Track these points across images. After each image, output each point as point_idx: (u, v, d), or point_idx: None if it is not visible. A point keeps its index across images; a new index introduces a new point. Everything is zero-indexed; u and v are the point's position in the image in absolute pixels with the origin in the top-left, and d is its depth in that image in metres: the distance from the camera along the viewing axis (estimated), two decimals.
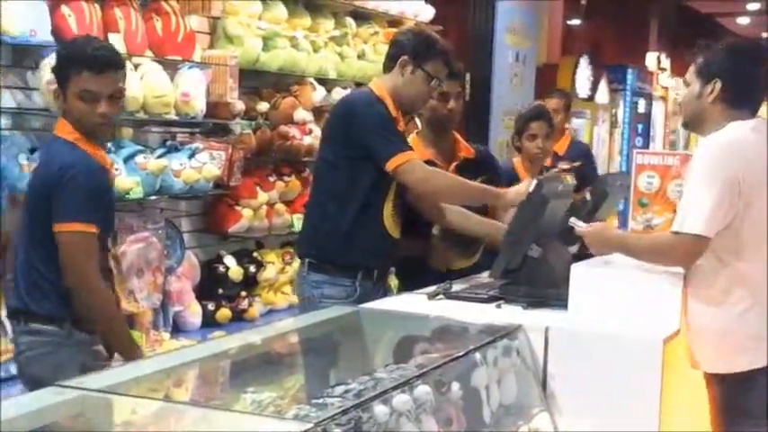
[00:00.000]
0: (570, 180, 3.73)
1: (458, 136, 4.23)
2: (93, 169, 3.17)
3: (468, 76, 8.92)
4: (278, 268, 5.73)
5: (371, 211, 3.69)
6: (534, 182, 3.43)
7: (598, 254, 3.37)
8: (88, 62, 3.15)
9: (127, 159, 4.59)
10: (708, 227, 3.06)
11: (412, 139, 4.26)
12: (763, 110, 3.34)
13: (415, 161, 3.64)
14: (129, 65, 4.62)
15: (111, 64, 3.18)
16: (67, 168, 3.13)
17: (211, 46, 5.53)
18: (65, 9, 4.42)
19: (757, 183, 3.15)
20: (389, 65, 3.79)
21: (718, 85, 3.21)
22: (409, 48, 3.74)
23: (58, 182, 3.12)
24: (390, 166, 3.59)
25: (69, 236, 3.09)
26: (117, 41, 4.59)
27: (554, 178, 3.76)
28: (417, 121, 6.20)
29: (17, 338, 3.31)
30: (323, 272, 3.71)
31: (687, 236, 3.08)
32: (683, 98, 3.36)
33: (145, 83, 4.67)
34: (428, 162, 4.06)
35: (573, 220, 3.40)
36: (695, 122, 3.34)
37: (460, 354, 2.71)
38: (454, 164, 4.13)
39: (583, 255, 3.60)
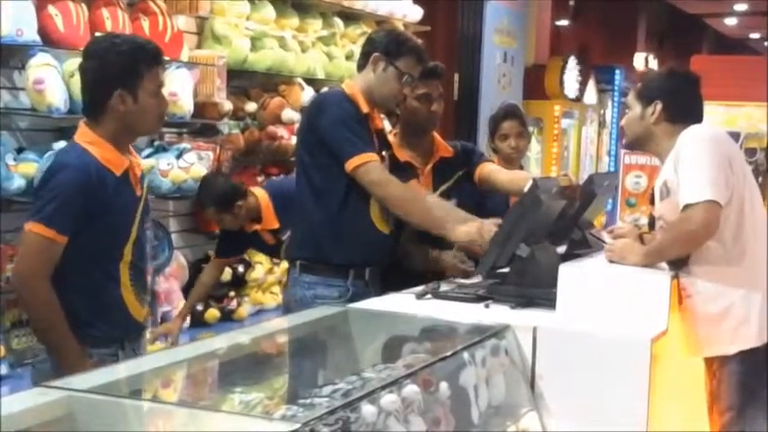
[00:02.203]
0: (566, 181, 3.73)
1: (436, 136, 4.21)
2: (84, 173, 2.94)
3: (456, 77, 8.96)
4: (266, 268, 5.73)
5: (357, 208, 3.68)
6: (530, 182, 3.44)
7: (621, 261, 3.35)
8: (157, 56, 3.05)
9: None
10: (716, 192, 3.17)
11: (390, 139, 4.26)
12: None
13: (373, 163, 3.60)
14: None
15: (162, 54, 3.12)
16: (51, 170, 3.02)
17: (199, 46, 5.53)
18: (51, 9, 4.41)
19: (741, 174, 3.32)
20: (362, 63, 3.80)
21: (659, 106, 3.41)
22: (381, 45, 3.74)
23: (42, 182, 3.03)
24: (349, 166, 3.58)
25: (27, 236, 2.96)
26: None
27: (549, 179, 3.76)
28: None
29: (38, 345, 3.23)
30: (315, 273, 3.70)
31: (699, 204, 3.16)
32: (626, 121, 3.55)
33: None
34: (405, 163, 4.05)
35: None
36: (640, 142, 3.49)
37: (449, 353, 2.70)
38: (431, 164, 4.12)
39: (570, 255, 3.60)
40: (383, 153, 3.82)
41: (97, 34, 4.40)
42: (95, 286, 3.03)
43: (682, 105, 3.44)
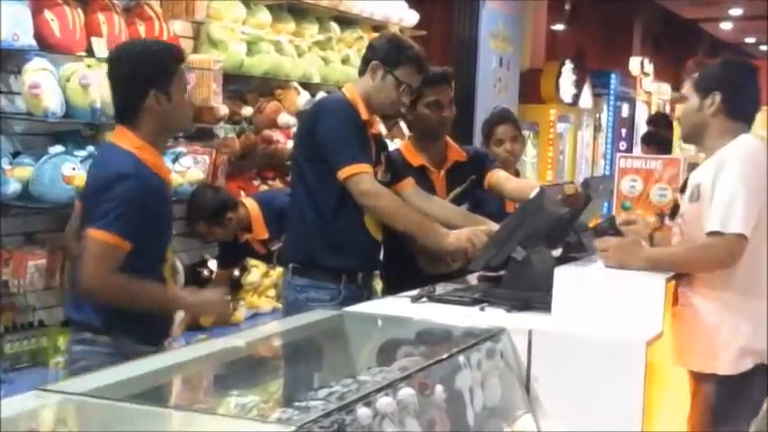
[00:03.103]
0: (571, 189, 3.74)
1: (449, 140, 4.24)
2: (143, 182, 3.05)
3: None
4: (262, 272, 5.72)
5: (352, 213, 3.69)
6: (537, 189, 3.45)
7: (621, 267, 3.28)
8: (182, 56, 3.21)
9: None
10: (746, 225, 3.12)
11: (404, 144, 4.28)
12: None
13: (365, 175, 3.60)
14: None
15: None
16: (116, 178, 3.04)
17: (195, 50, 5.53)
18: (48, 14, 4.41)
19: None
20: (362, 69, 3.80)
21: (718, 97, 3.31)
22: (381, 53, 3.74)
23: (104, 190, 3.05)
24: (342, 174, 3.59)
25: (92, 243, 3.01)
26: (100, 46, 4.59)
27: (555, 187, 3.77)
28: (402, 124, 6.23)
29: (70, 347, 3.27)
30: (307, 276, 3.71)
31: (730, 236, 3.12)
32: (682, 112, 3.45)
33: None
34: (420, 168, 4.07)
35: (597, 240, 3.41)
36: (695, 135, 3.42)
37: (444, 356, 2.71)
38: (445, 168, 4.14)
39: (566, 258, 3.61)
40: (381, 157, 3.83)
41: (123, 41, 4.40)
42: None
43: (741, 97, 3.36)
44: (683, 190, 3.52)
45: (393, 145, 5.06)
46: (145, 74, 3.09)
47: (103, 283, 3.02)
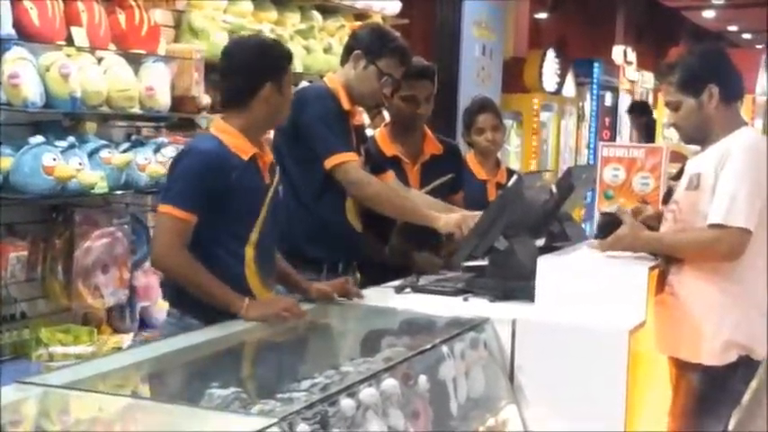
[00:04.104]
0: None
1: (428, 132, 4.22)
2: (209, 158, 3.12)
3: None
4: None
5: (332, 203, 3.68)
6: (515, 176, 3.45)
7: (626, 249, 3.30)
8: (292, 54, 3.41)
9: (91, 154, 4.55)
10: (750, 219, 3.10)
11: (380, 131, 4.26)
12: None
13: (351, 163, 3.60)
14: (92, 58, 4.59)
15: None
16: (180, 154, 3.25)
17: (176, 40, 5.49)
18: (27, 2, 4.36)
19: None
20: (345, 58, 3.78)
21: (715, 89, 3.24)
22: (364, 42, 3.73)
23: (169, 170, 3.25)
24: (328, 164, 3.59)
25: (157, 217, 3.19)
26: (79, 35, 4.55)
27: (534, 174, 3.77)
28: (385, 113, 6.21)
29: None
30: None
31: (733, 229, 3.09)
32: (682, 117, 3.31)
33: (108, 77, 4.62)
34: (393, 158, 4.05)
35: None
36: (700, 134, 3.32)
37: (428, 347, 2.71)
38: (420, 162, 4.12)
39: (549, 247, 3.61)
40: (360, 148, 3.81)
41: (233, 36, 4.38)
42: (220, 264, 3.13)
43: (731, 80, 3.31)
44: (678, 177, 3.50)
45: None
46: (263, 66, 3.24)
47: (167, 256, 3.10)
